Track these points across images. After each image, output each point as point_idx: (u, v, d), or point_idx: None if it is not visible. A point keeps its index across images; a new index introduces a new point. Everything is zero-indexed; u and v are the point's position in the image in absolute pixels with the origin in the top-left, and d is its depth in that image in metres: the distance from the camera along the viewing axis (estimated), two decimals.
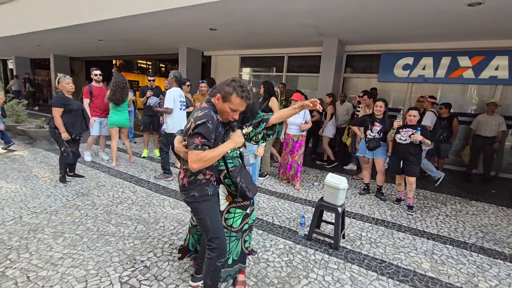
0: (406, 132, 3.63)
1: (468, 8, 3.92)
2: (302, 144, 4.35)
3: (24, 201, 3.28)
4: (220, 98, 1.61)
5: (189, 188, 1.70)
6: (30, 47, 10.96)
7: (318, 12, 4.54)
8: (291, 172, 4.39)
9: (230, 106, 1.60)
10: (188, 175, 1.70)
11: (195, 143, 1.49)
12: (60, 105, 3.70)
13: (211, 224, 1.73)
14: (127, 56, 12.47)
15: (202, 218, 1.73)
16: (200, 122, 1.51)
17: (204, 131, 1.50)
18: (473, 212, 3.85)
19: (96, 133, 4.96)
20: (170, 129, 4.09)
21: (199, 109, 1.61)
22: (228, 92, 1.58)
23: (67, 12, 6.29)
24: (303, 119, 4.25)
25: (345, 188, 2.68)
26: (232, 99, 1.58)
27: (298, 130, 4.29)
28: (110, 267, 2.21)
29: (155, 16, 5.19)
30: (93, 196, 3.56)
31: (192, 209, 1.78)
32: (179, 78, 4.21)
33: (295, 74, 7.98)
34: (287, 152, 4.42)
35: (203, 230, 1.77)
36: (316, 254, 2.57)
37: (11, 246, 2.39)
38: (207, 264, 1.74)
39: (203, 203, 1.72)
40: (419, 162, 3.72)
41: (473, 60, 5.73)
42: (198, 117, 1.54)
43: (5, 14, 7.77)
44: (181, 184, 1.73)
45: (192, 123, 1.54)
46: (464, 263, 2.58)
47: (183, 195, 1.74)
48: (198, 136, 1.50)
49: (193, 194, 1.70)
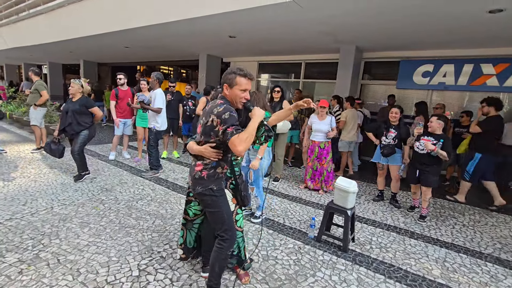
0: (427, 142, 3.48)
1: (489, 15, 3.86)
2: (329, 151, 4.35)
3: (55, 194, 3.58)
4: (227, 86, 1.75)
5: (208, 181, 1.77)
6: (63, 53, 11.77)
7: (335, 20, 4.62)
8: (321, 178, 4.35)
9: (239, 88, 1.74)
10: (208, 168, 1.78)
11: (231, 132, 1.62)
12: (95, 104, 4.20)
13: (227, 217, 1.82)
14: (150, 62, 13.07)
15: (218, 211, 1.80)
16: (227, 116, 1.64)
17: (232, 120, 1.65)
18: (492, 223, 3.73)
19: (120, 133, 5.29)
20: (160, 127, 4.58)
21: (217, 106, 1.70)
22: (231, 78, 1.73)
23: (98, 21, 6.77)
24: (329, 126, 4.28)
25: (355, 191, 2.73)
26: (237, 80, 1.73)
27: (324, 137, 4.31)
28: (130, 255, 2.39)
29: (180, 24, 5.48)
30: (116, 192, 3.81)
31: (207, 202, 1.81)
32: (161, 79, 4.71)
33: (312, 80, 8.05)
34: (312, 159, 4.39)
35: (218, 222, 1.82)
36: (324, 255, 2.63)
37: (44, 233, 2.64)
38: (217, 253, 1.83)
39: (220, 197, 1.81)
40: (437, 173, 3.55)
41: (497, 67, 5.56)
42: (220, 112, 1.66)
43: (42, 23, 8.45)
44: (198, 176, 1.78)
45: (216, 119, 1.66)
46: (477, 272, 2.54)
47: (199, 187, 1.78)
48: (229, 126, 1.63)
49: (211, 187, 1.77)
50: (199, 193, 1.80)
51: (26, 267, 2.14)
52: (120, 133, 5.31)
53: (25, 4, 8.47)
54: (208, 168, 1.78)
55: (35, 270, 2.11)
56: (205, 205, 1.85)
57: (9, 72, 19.13)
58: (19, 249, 2.36)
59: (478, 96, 5.98)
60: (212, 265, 1.85)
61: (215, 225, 1.86)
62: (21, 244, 2.44)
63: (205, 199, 1.81)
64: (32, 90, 5.47)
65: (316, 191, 4.42)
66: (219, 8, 4.55)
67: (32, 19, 8.63)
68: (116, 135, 5.30)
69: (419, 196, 3.84)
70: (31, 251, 2.35)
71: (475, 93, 5.96)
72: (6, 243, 2.43)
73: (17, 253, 2.30)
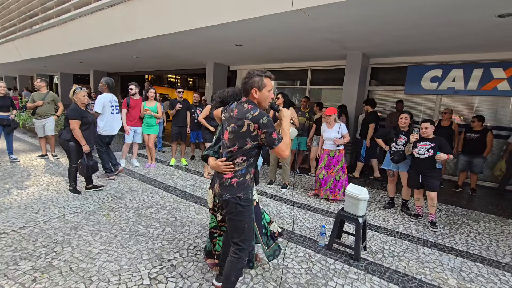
0: (424, 146, 3.53)
1: (498, 19, 3.83)
2: (339, 159, 4.27)
3: (67, 202, 3.63)
4: (257, 89, 1.75)
5: (237, 189, 1.75)
6: (74, 64, 12.09)
7: (341, 28, 4.65)
8: (325, 186, 4.27)
9: (267, 89, 1.78)
10: (238, 176, 1.75)
11: (277, 138, 1.68)
12: (79, 117, 3.70)
13: (248, 227, 1.79)
14: (158, 71, 13.30)
15: (241, 221, 1.77)
16: (265, 120, 1.66)
17: (272, 124, 1.69)
18: (509, 231, 3.62)
19: (130, 141, 5.37)
20: (101, 131, 4.63)
21: (249, 110, 1.70)
22: (259, 81, 1.75)
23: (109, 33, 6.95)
24: (337, 133, 4.22)
25: (366, 198, 2.69)
26: (265, 82, 1.76)
27: (333, 145, 4.26)
28: (141, 263, 2.39)
29: (188, 34, 5.58)
30: (126, 199, 3.84)
31: (231, 209, 1.76)
32: (111, 84, 4.80)
33: (319, 87, 8.06)
34: (320, 167, 4.35)
35: (237, 231, 1.79)
36: (336, 264, 2.58)
37: (56, 240, 2.67)
38: (234, 263, 1.79)
39: (246, 207, 1.77)
40: (439, 177, 3.57)
41: (508, 71, 5.48)
42: (257, 117, 1.66)
43: (55, 35, 8.71)
44: (228, 183, 1.76)
45: (253, 124, 1.67)
46: (495, 282, 2.46)
47: (227, 194, 1.75)
48: (273, 131, 1.68)
49: (240, 196, 1.74)
50: (226, 200, 1.77)
51: (39, 275, 2.17)
52: (130, 141, 5.38)
53: (38, 17, 8.76)
54: (238, 175, 1.76)
55: (48, 278, 2.13)
56: (229, 211, 1.80)
57: (22, 83, 19.71)
58: (32, 257, 2.39)
59: (488, 100, 5.90)
60: (227, 275, 1.81)
61: (233, 233, 1.82)
62: (35, 252, 2.47)
63: (230, 206, 1.77)
64: (48, 100, 5.61)
65: (325, 199, 4.37)
66: (226, 18, 4.62)
67: (46, 32, 8.90)
68: (126, 143, 5.37)
69: (422, 203, 3.77)
70: (44, 259, 2.37)
71: (486, 97, 5.88)
72: (20, 251, 2.47)
73: (30, 261, 2.33)
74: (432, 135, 3.59)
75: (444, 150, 3.48)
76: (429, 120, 3.61)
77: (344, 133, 4.25)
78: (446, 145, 3.51)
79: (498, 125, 5.73)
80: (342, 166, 4.31)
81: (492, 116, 5.84)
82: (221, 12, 4.64)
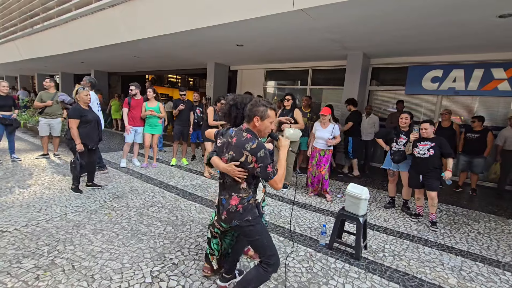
0: (424, 146, 3.56)
1: (499, 20, 3.84)
2: (328, 159, 4.37)
3: (68, 201, 3.64)
4: (259, 119, 1.79)
5: (244, 213, 1.80)
6: (75, 63, 12.11)
7: (342, 28, 4.66)
8: (319, 185, 4.41)
9: (269, 121, 1.81)
10: (244, 202, 1.82)
11: (272, 172, 1.73)
12: (77, 116, 3.79)
13: (268, 243, 1.83)
14: (159, 71, 13.32)
15: (258, 239, 1.81)
16: (262, 154, 1.72)
17: (268, 158, 1.74)
18: (509, 231, 3.63)
19: (130, 140, 5.38)
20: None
21: (248, 141, 1.74)
22: (263, 111, 1.78)
23: (109, 32, 6.97)
24: (330, 134, 4.28)
25: (366, 198, 2.70)
26: (269, 113, 1.80)
27: (325, 145, 4.33)
28: (143, 262, 2.40)
29: (187, 34, 5.60)
30: (127, 199, 3.86)
31: (246, 232, 1.83)
32: (94, 83, 4.90)
33: (319, 87, 8.07)
34: (312, 164, 4.45)
35: (260, 249, 1.83)
36: (336, 263, 2.59)
37: (58, 239, 2.69)
38: (260, 274, 1.80)
39: (257, 225, 1.82)
40: (439, 176, 3.58)
41: (508, 71, 5.49)
42: (255, 150, 1.71)
43: (56, 35, 8.73)
44: (234, 210, 1.81)
45: (251, 157, 1.72)
46: (495, 282, 2.47)
47: (235, 221, 1.81)
48: (268, 164, 1.72)
49: (248, 219, 1.80)
50: (237, 226, 1.83)
51: (42, 273, 2.18)
52: (130, 141, 5.39)
53: (39, 17, 8.78)
54: (244, 202, 1.82)
55: (51, 276, 2.15)
56: (245, 235, 1.88)
57: (22, 83, 19.74)
58: (35, 255, 2.41)
59: (489, 101, 5.91)
60: (249, 281, 1.82)
61: (258, 251, 1.86)
62: (37, 250, 2.48)
63: (243, 230, 1.84)
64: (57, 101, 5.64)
65: (321, 196, 4.44)
66: (227, 18, 4.64)
67: (46, 32, 8.92)
68: (126, 142, 5.39)
69: (423, 203, 3.79)
70: (47, 257, 2.39)
71: (487, 98, 5.88)
72: (22, 249, 2.48)
73: (33, 259, 2.35)
74: (433, 135, 3.60)
75: (444, 150, 3.51)
76: (428, 121, 3.63)
77: (337, 135, 4.31)
78: (446, 145, 3.53)
79: (499, 125, 5.73)
80: (329, 166, 4.43)
81: (493, 117, 5.85)
82: (222, 12, 4.66)
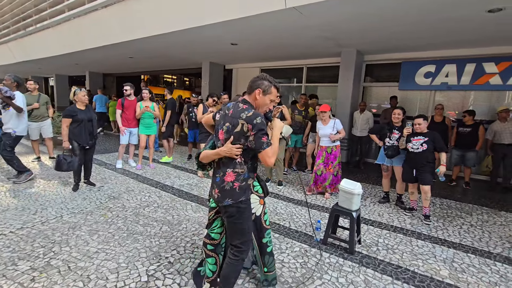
0: (418, 141, 3.60)
1: (489, 15, 3.89)
2: (337, 155, 4.30)
3: (64, 203, 3.65)
4: (261, 92, 1.74)
5: (239, 193, 1.71)
6: (69, 65, 12.04)
7: (335, 25, 4.69)
8: (325, 183, 4.28)
9: (270, 98, 1.77)
10: (241, 180, 1.71)
11: (266, 142, 1.64)
12: (69, 116, 3.92)
13: (248, 228, 1.76)
14: (154, 71, 13.28)
15: (241, 222, 1.74)
16: (259, 120, 1.63)
17: (264, 126, 1.66)
18: (501, 222, 3.69)
19: (125, 142, 5.37)
20: (20, 132, 4.39)
21: (244, 110, 1.68)
22: (267, 85, 1.75)
23: (102, 33, 6.94)
24: (333, 129, 4.24)
25: (359, 193, 2.74)
26: (272, 90, 1.76)
27: (329, 141, 4.28)
28: (138, 261, 2.42)
29: (181, 34, 5.60)
30: (123, 199, 3.87)
31: (232, 212, 1.72)
32: (20, 82, 4.59)
33: (314, 85, 8.10)
34: (317, 164, 4.34)
35: (238, 233, 1.75)
36: (331, 258, 2.63)
37: (54, 241, 2.70)
38: (234, 265, 1.76)
39: (247, 208, 1.74)
40: (433, 171, 3.63)
41: (500, 66, 5.55)
42: (251, 117, 1.63)
43: (49, 37, 8.67)
44: (230, 187, 1.70)
45: (247, 124, 1.63)
46: (486, 272, 2.52)
47: (229, 199, 1.70)
48: (264, 134, 1.64)
49: (242, 199, 1.71)
50: (228, 206, 1.72)
51: (38, 274, 2.19)
52: (125, 142, 5.38)
53: (32, 19, 8.71)
54: (241, 179, 1.72)
55: (47, 277, 2.16)
56: (229, 215, 1.74)
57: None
58: (30, 257, 2.42)
59: (482, 95, 5.98)
60: (227, 277, 1.78)
61: (234, 235, 1.79)
62: (33, 252, 2.49)
63: (230, 210, 1.73)
64: (43, 103, 5.60)
65: (321, 194, 4.42)
66: (220, 17, 4.64)
67: (40, 33, 8.86)
68: (121, 144, 5.38)
69: (417, 197, 3.84)
70: (43, 258, 2.40)
71: (479, 92, 5.95)
72: (18, 252, 2.49)
73: (29, 261, 2.35)
74: (426, 130, 3.65)
75: (437, 144, 3.56)
76: (422, 116, 3.66)
77: (339, 129, 4.29)
78: (439, 139, 3.57)
79: (491, 119, 5.79)
80: (339, 162, 4.36)
81: (486, 111, 5.92)
82: (215, 11, 4.66)
